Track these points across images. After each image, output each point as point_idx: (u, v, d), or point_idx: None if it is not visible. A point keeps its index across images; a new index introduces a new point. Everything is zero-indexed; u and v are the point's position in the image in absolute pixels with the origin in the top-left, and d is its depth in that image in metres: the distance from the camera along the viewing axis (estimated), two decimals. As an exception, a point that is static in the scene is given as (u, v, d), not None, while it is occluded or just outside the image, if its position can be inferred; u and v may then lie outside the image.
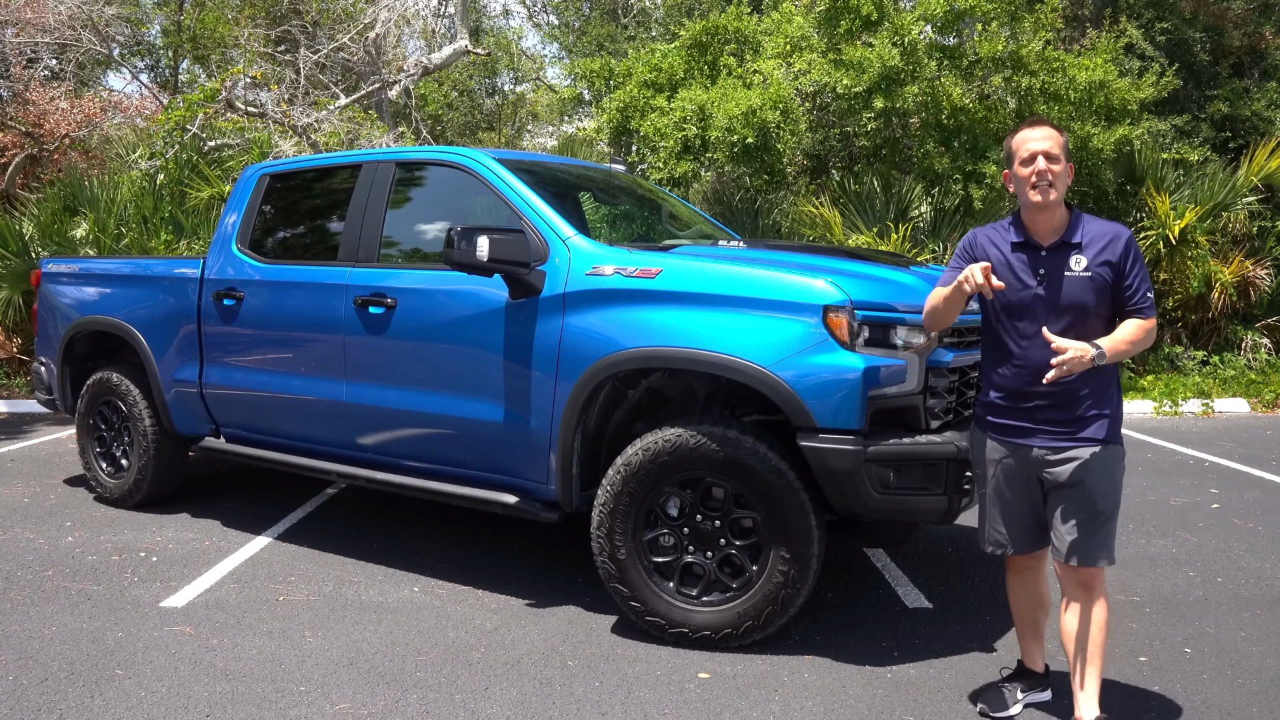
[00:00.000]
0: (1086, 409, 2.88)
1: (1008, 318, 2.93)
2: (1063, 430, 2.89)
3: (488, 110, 20.83)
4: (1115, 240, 2.84)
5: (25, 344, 10.38)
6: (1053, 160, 2.82)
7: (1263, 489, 6.27)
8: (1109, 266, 2.82)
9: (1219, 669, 3.54)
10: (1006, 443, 2.99)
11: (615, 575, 3.75)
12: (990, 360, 3.03)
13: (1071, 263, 2.84)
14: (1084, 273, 2.83)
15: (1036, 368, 2.85)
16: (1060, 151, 2.84)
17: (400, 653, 3.65)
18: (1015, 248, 2.92)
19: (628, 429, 4.10)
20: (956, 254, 3.06)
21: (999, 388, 2.99)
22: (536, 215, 4.09)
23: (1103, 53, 10.53)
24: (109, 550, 4.88)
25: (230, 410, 5.15)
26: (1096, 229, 2.88)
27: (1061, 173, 2.84)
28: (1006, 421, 2.98)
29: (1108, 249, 2.84)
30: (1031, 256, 2.89)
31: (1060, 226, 2.89)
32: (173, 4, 17.06)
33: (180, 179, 10.51)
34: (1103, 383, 2.90)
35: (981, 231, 3.04)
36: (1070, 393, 2.87)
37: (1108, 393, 2.92)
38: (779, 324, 3.46)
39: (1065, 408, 2.89)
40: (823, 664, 3.57)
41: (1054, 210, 2.87)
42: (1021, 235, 2.92)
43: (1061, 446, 2.90)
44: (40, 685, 3.35)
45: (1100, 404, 2.90)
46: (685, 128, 9.97)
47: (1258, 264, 10.83)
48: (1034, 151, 2.83)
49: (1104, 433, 2.89)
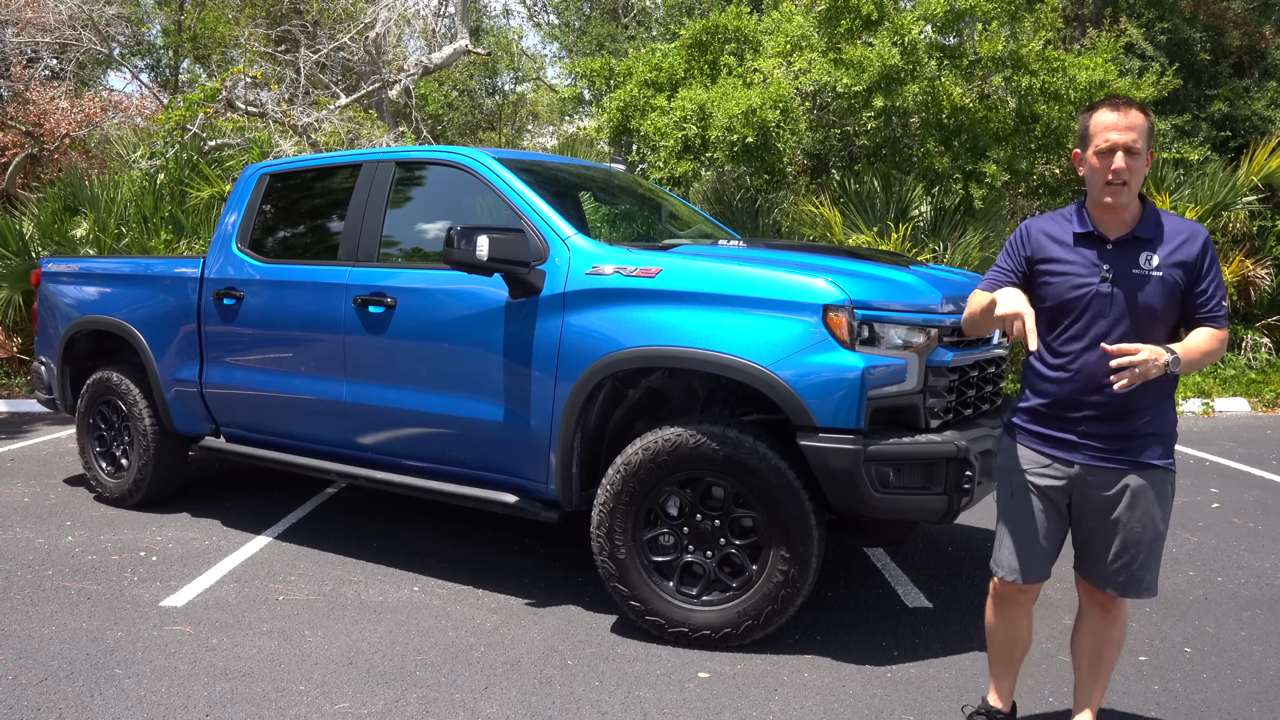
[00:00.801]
0: (1143, 425, 2.57)
1: (1064, 316, 2.61)
2: (1113, 449, 2.58)
3: (488, 110, 20.83)
4: (1192, 239, 2.56)
5: (25, 343, 10.38)
6: (1134, 155, 2.50)
7: (1263, 488, 6.27)
8: (1182, 267, 2.53)
9: (1219, 668, 3.54)
10: (1044, 454, 2.67)
11: (615, 574, 3.75)
12: (1036, 363, 2.69)
13: (1141, 260, 2.54)
14: (1155, 272, 2.53)
15: (1090, 374, 2.55)
16: (1144, 144, 2.51)
17: (400, 652, 3.65)
18: (1079, 240, 2.62)
19: (628, 428, 4.10)
20: (1006, 250, 2.75)
21: (1044, 393, 2.66)
22: (536, 215, 4.09)
23: (1103, 52, 10.52)
24: (109, 550, 4.88)
25: (230, 410, 5.15)
26: (1172, 225, 2.59)
27: (1140, 168, 2.53)
28: (1048, 431, 2.66)
29: (1183, 248, 2.54)
30: (1097, 250, 2.59)
31: (1131, 220, 2.59)
32: (173, 3, 17.06)
33: (180, 178, 10.51)
34: (1160, 396, 2.58)
35: (1037, 223, 2.72)
36: (1126, 405, 2.56)
37: (1165, 408, 2.61)
38: (779, 323, 3.46)
39: (1119, 421, 2.57)
40: (822, 663, 3.57)
41: (1128, 205, 2.58)
42: (1086, 226, 2.61)
43: (1110, 467, 2.59)
44: (40, 684, 3.35)
45: (1158, 421, 2.59)
46: (685, 127, 9.96)
47: (1258, 263, 10.82)
48: (1113, 144, 2.49)
49: (1160, 456, 2.59)
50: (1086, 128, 2.58)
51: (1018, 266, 2.70)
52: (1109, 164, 2.50)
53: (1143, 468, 2.58)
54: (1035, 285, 2.66)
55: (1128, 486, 2.58)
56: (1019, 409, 2.76)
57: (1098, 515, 2.62)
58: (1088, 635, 2.81)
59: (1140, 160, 2.51)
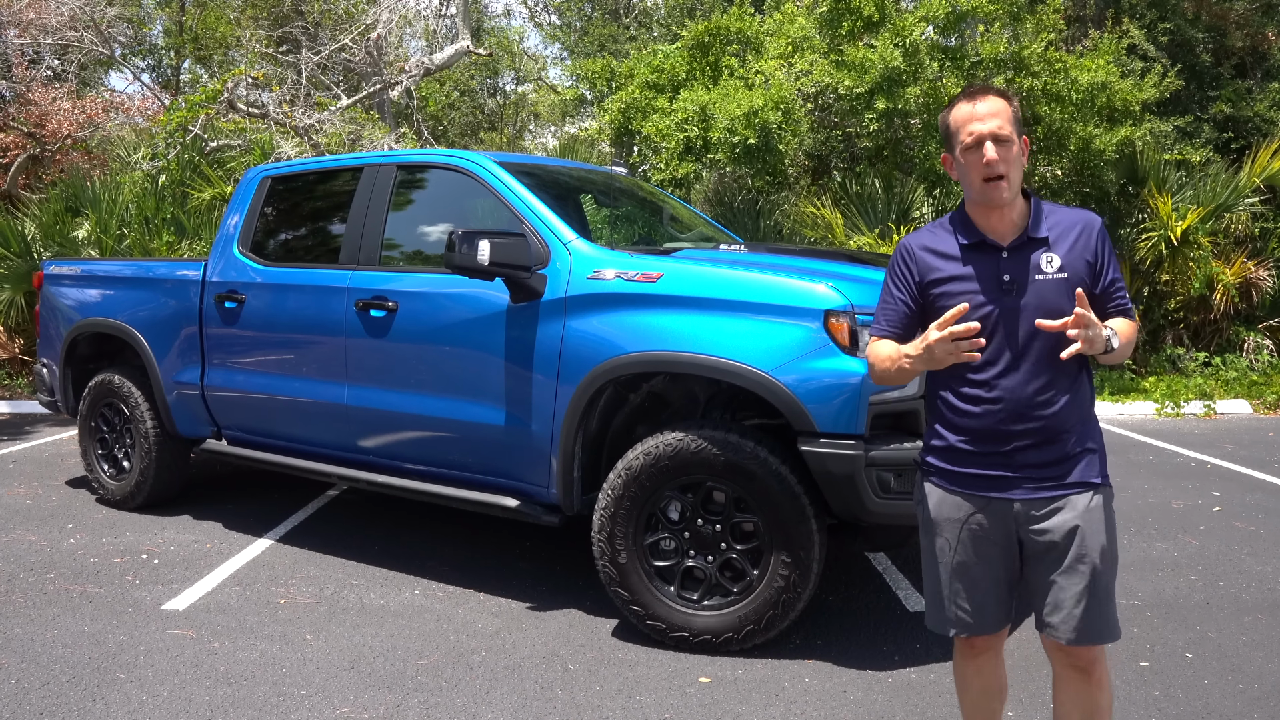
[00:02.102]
0: (1074, 444, 2.29)
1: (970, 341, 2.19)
2: (1049, 476, 2.28)
3: (489, 110, 20.83)
4: (1087, 230, 2.28)
5: (27, 344, 10.39)
6: (1003, 143, 2.20)
7: (1264, 491, 6.27)
8: (1085, 263, 2.26)
9: (1220, 674, 3.53)
10: (976, 498, 2.32)
11: (616, 579, 3.75)
12: (946, 395, 2.33)
13: (1042, 262, 2.24)
14: (1058, 274, 2.23)
15: (1015, 399, 2.24)
16: (1011, 129, 2.22)
17: (401, 656, 3.65)
18: (968, 252, 2.28)
19: (629, 432, 4.10)
20: (889, 277, 2.39)
21: (963, 429, 2.31)
22: (537, 219, 4.10)
23: (1104, 54, 10.51)
24: (111, 552, 4.88)
25: (232, 412, 5.16)
26: (1062, 219, 2.30)
27: (1015, 156, 2.23)
28: (976, 471, 2.31)
29: (1080, 242, 2.27)
30: (992, 260, 2.26)
31: (1020, 219, 2.28)
32: (174, 4, 17.07)
33: (182, 180, 10.52)
34: (1086, 409, 2.33)
35: (916, 239, 2.37)
36: (1056, 426, 2.27)
37: (1091, 423, 2.35)
38: (780, 328, 3.46)
39: (1052, 445, 2.28)
40: (823, 668, 3.57)
41: (1014, 203, 2.27)
42: (973, 235, 2.28)
43: (1050, 496, 2.29)
44: (42, 689, 3.36)
45: (1087, 436, 2.32)
46: (687, 128, 9.97)
47: (1260, 265, 10.81)
48: (978, 135, 2.21)
49: (1097, 473, 2.32)
50: (947, 126, 2.30)
51: (909, 294, 2.35)
52: (979, 157, 2.21)
53: (1083, 488, 2.29)
54: (932, 312, 2.28)
55: (1074, 510, 2.27)
56: (934, 449, 2.38)
57: (1045, 553, 2.30)
58: (1072, 708, 2.40)
59: (1012, 149, 2.22)
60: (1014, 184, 2.23)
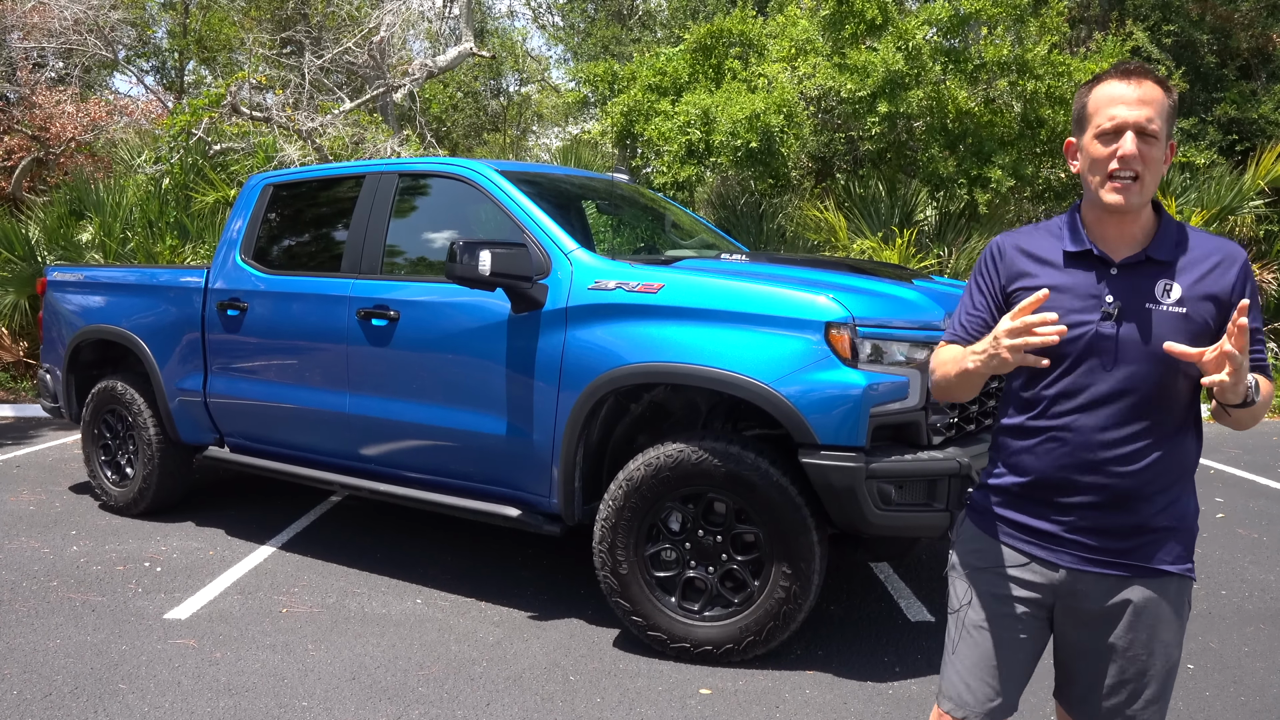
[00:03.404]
0: (1157, 515, 1.87)
1: (1051, 365, 1.87)
2: (1114, 548, 1.89)
3: (493, 112, 20.84)
4: (1227, 263, 1.86)
5: (31, 347, 10.42)
6: (1149, 140, 1.81)
7: (1268, 498, 6.25)
8: (1214, 301, 1.83)
9: (1221, 685, 3.53)
10: (1020, 550, 1.97)
11: (617, 589, 3.75)
12: (1011, 423, 1.98)
13: (1158, 290, 1.84)
14: (1176, 307, 1.83)
15: (1087, 443, 1.86)
16: (1162, 124, 1.82)
17: (403, 667, 3.66)
18: (1072, 261, 1.91)
19: (630, 442, 4.11)
20: (974, 279, 2.04)
21: (1022, 468, 1.95)
22: (539, 228, 4.10)
23: (1108, 56, 10.49)
24: (113, 560, 4.89)
25: (234, 420, 5.17)
26: (1198, 243, 1.89)
27: (1157, 159, 1.83)
28: (1026, 520, 1.96)
29: (1214, 274, 1.84)
30: (1097, 275, 1.88)
31: (1144, 235, 1.89)
32: (178, 7, 17.10)
33: (185, 183, 10.54)
34: (1185, 475, 1.90)
35: (1013, 238, 2.00)
36: (1136, 487, 1.86)
37: (1186, 491, 1.92)
38: (781, 340, 3.46)
39: (1124, 509, 1.87)
40: (824, 679, 3.57)
41: (1138, 213, 1.88)
42: (1082, 242, 1.90)
43: (1108, 575, 1.89)
44: (44, 700, 3.37)
45: (1176, 509, 1.89)
46: (689, 131, 9.96)
47: (1264, 268, 10.78)
48: (1121, 121, 1.81)
49: (1177, 559, 1.90)
50: (1084, 106, 1.89)
51: (991, 300, 1.99)
52: (1113, 149, 1.81)
53: (1153, 575, 1.88)
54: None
55: (1130, 601, 1.89)
56: (989, 486, 2.04)
57: (1090, 635, 1.93)
58: None
59: (1157, 148, 1.82)
60: (1147, 190, 1.84)
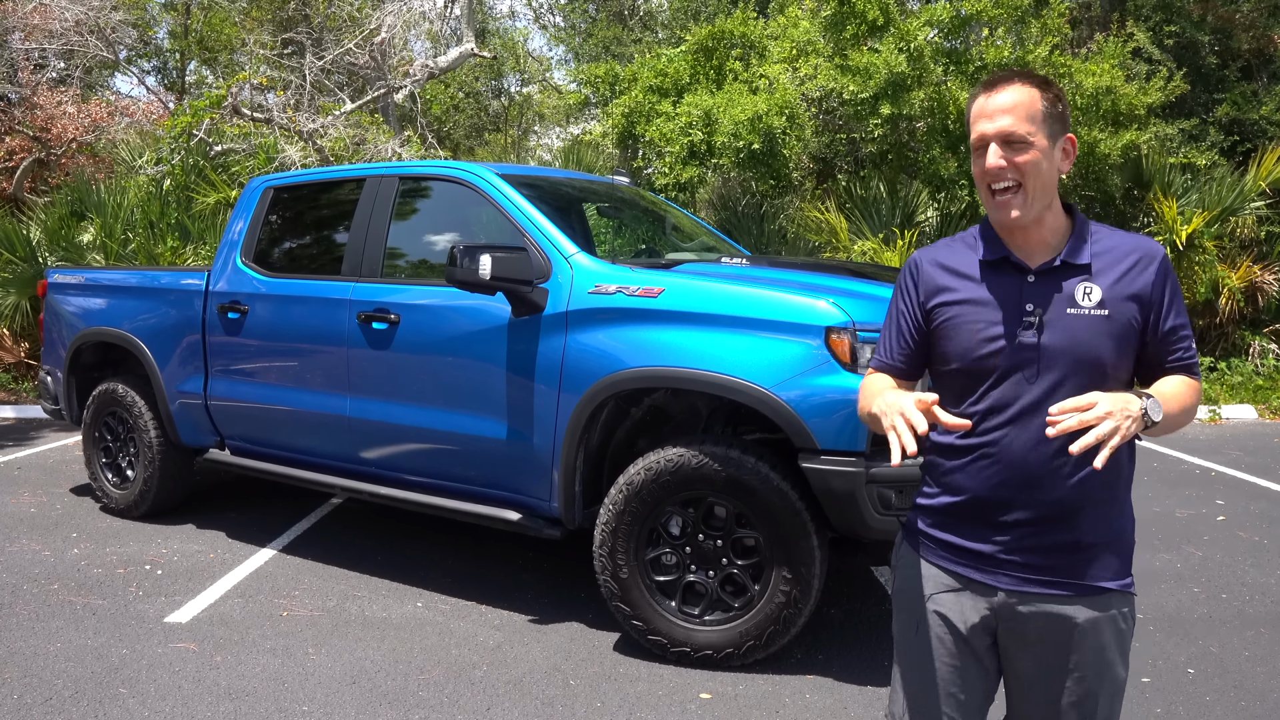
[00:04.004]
0: (1092, 530, 1.80)
1: (977, 381, 1.82)
2: (1051, 567, 1.81)
3: (494, 112, 20.84)
4: (1145, 261, 1.79)
5: (33, 348, 10.43)
6: (1016, 147, 1.75)
7: (1269, 500, 6.25)
8: (1136, 301, 1.78)
9: (1222, 690, 3.53)
10: (956, 573, 1.87)
11: (617, 594, 3.75)
12: (942, 441, 1.88)
13: (1078, 294, 1.78)
14: (1098, 310, 1.77)
15: (1019, 460, 1.78)
16: (1032, 126, 1.75)
17: (403, 671, 3.66)
18: (988, 271, 1.84)
19: (630, 446, 4.11)
20: (894, 294, 1.98)
21: (954, 487, 1.86)
22: (539, 232, 4.10)
23: (1109, 57, 10.49)
24: (114, 563, 4.90)
25: (234, 422, 5.17)
26: (1114, 244, 1.82)
27: (1035, 162, 1.75)
28: (961, 541, 1.86)
29: (1133, 274, 1.79)
30: (1015, 285, 1.82)
31: (1057, 239, 1.83)
32: (179, 8, 17.11)
33: (186, 184, 10.55)
34: (1118, 489, 1.83)
35: (926, 253, 1.94)
36: (1071, 502, 1.78)
37: (1120, 506, 1.84)
38: (781, 345, 3.46)
39: (1060, 527, 1.80)
40: (824, 684, 3.57)
41: (1041, 219, 1.81)
42: (996, 250, 1.84)
43: (1047, 594, 1.81)
44: (45, 704, 3.37)
45: (1114, 524, 1.82)
46: (691, 133, 9.96)
47: (1266, 269, 10.78)
48: (981, 135, 1.78)
49: (1116, 574, 1.82)
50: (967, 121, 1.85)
51: (911, 321, 1.92)
52: (983, 163, 1.78)
53: (1093, 593, 1.81)
54: (936, 341, 1.88)
55: (1072, 621, 1.80)
56: (920, 506, 1.95)
57: (1033, 657, 1.85)
58: None
59: (1031, 152, 1.75)
60: (1035, 195, 1.77)
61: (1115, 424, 1.60)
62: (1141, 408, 1.65)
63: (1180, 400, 1.78)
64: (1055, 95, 1.79)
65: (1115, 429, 1.60)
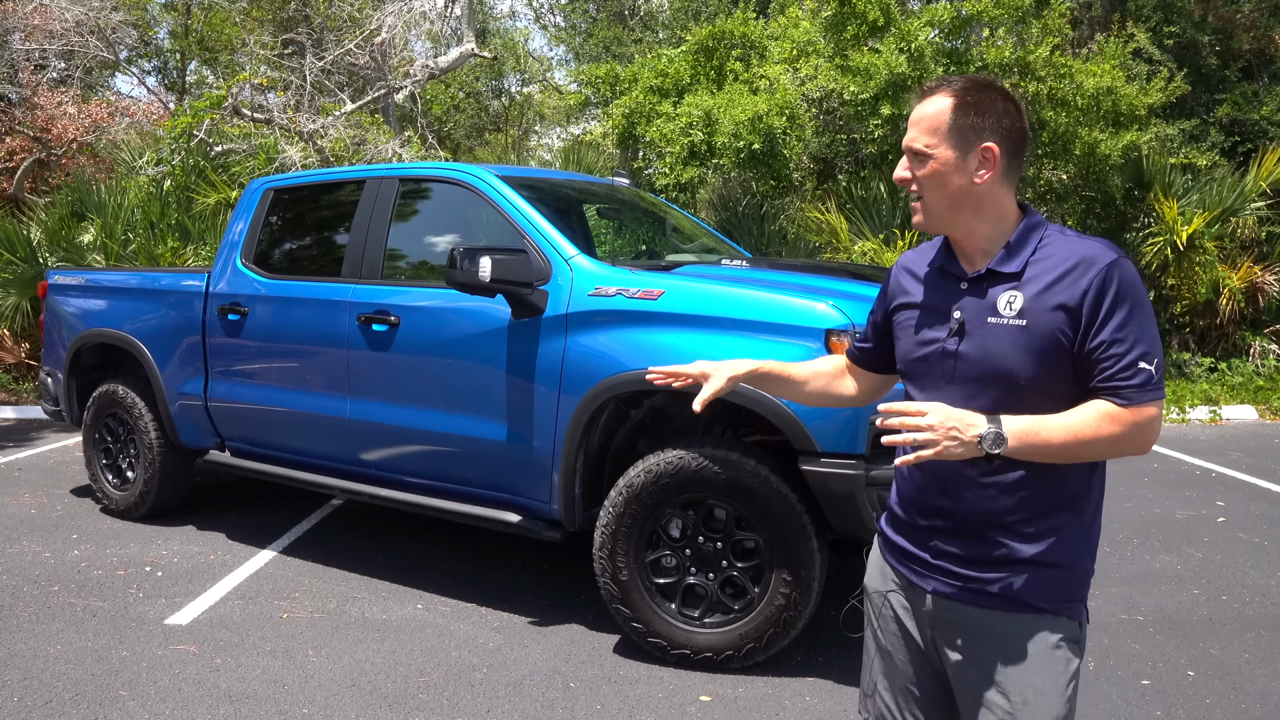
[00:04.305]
0: (1026, 546, 1.71)
1: (911, 385, 1.85)
2: (978, 578, 1.74)
3: (495, 112, 20.84)
4: (1082, 268, 1.65)
5: (33, 349, 10.43)
6: (917, 160, 1.75)
7: (1269, 501, 6.25)
8: (1065, 312, 1.65)
9: (1222, 693, 3.52)
10: (899, 574, 1.88)
11: (617, 596, 3.75)
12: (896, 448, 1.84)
13: (1001, 304, 1.70)
14: (1017, 320, 1.68)
15: (935, 466, 1.76)
16: (932, 140, 1.73)
17: (403, 673, 3.66)
18: (934, 277, 1.85)
19: (631, 447, 4.10)
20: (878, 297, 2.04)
21: (898, 490, 1.90)
22: (539, 234, 4.10)
23: (1110, 58, 10.48)
24: (114, 565, 4.90)
25: (235, 424, 5.17)
26: (1055, 251, 1.70)
27: (930, 177, 1.74)
28: (903, 543, 1.87)
29: (1064, 283, 1.66)
30: (949, 292, 1.79)
31: (997, 248, 1.76)
32: (179, 8, 17.12)
33: (187, 185, 10.55)
34: (1055, 502, 1.71)
35: (905, 256, 1.97)
36: (985, 512, 1.73)
37: (1061, 522, 1.72)
38: (781, 347, 3.46)
39: (973, 540, 1.75)
40: (824, 686, 3.57)
41: (971, 229, 1.76)
42: (946, 258, 1.83)
43: (969, 606, 1.76)
44: (45, 707, 3.37)
45: (1057, 541, 1.71)
46: (691, 133, 9.96)
47: (1266, 269, 10.78)
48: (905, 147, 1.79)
49: (1048, 595, 1.71)
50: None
51: (880, 319, 1.99)
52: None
53: (1019, 610, 1.71)
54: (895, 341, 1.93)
55: (994, 634, 1.73)
56: (887, 507, 1.98)
57: (958, 670, 1.78)
58: None
59: (929, 165, 1.73)
60: (934, 207, 1.76)
61: (933, 438, 1.58)
62: (978, 434, 1.59)
63: (1075, 431, 1.62)
64: (970, 103, 1.71)
65: (931, 442, 1.58)
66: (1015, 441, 1.60)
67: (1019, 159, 1.76)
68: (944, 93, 1.74)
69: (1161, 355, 1.66)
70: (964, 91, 1.72)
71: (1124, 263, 1.65)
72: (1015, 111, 1.73)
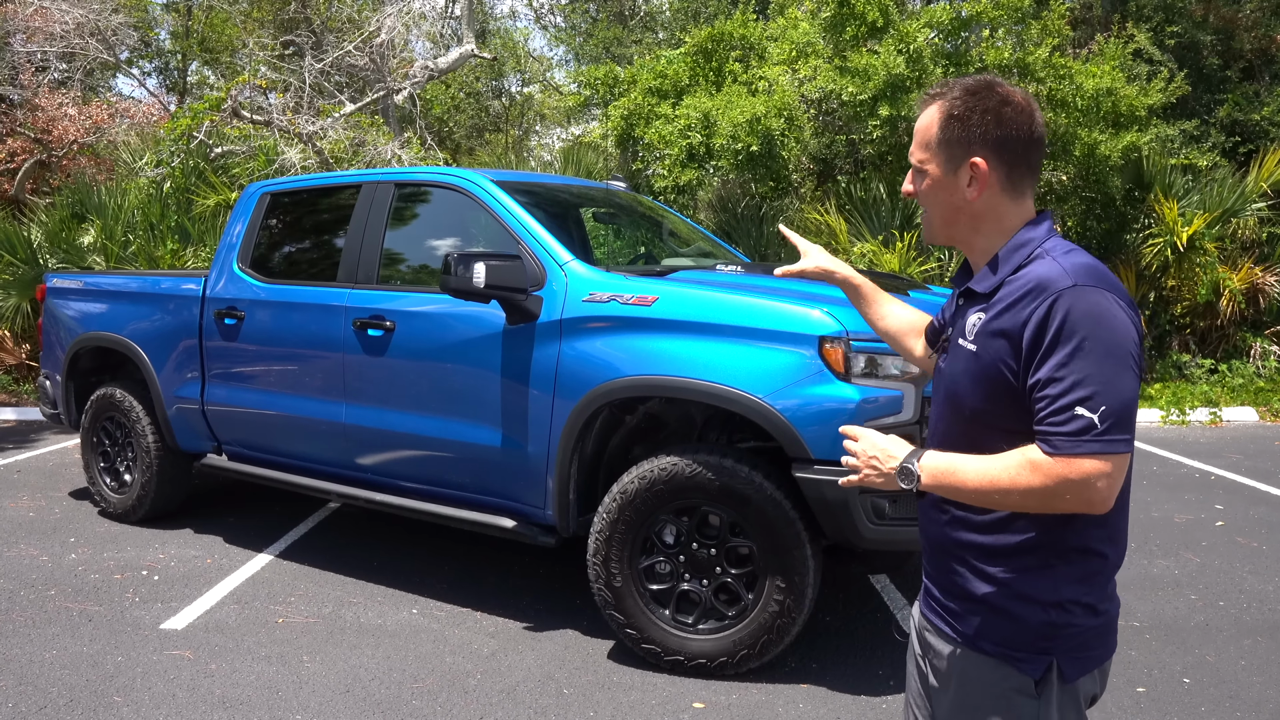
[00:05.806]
0: (980, 584, 1.60)
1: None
2: (946, 607, 1.68)
3: (495, 113, 20.84)
4: (1035, 294, 1.49)
5: (33, 350, 10.45)
6: (916, 174, 1.69)
7: (1268, 505, 6.23)
8: (1006, 339, 1.52)
9: (1218, 700, 3.52)
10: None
11: (611, 602, 3.75)
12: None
13: (968, 325, 1.62)
14: (969, 344, 1.59)
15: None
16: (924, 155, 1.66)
17: (397, 679, 3.66)
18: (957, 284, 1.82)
19: (625, 453, 4.10)
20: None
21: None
22: (534, 240, 4.09)
23: (1110, 59, 10.46)
24: (111, 568, 4.90)
25: (231, 428, 5.17)
26: (1029, 272, 1.55)
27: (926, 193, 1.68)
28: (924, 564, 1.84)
29: (1016, 309, 1.51)
30: (953, 304, 1.76)
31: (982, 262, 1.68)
32: (180, 9, 17.13)
33: (186, 186, 10.56)
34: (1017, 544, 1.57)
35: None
36: (940, 539, 1.68)
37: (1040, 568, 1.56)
38: (774, 354, 3.45)
39: (942, 567, 1.68)
40: (818, 693, 3.57)
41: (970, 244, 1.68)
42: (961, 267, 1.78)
43: (931, 627, 1.72)
44: (40, 713, 3.38)
45: (1015, 585, 1.57)
46: (690, 135, 9.95)
47: (1267, 271, 10.75)
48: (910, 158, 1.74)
49: (1007, 641, 1.57)
50: None
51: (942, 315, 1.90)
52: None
53: (953, 636, 1.65)
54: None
55: (955, 672, 1.65)
56: None
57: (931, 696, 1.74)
58: None
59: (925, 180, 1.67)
60: (934, 220, 1.70)
61: (856, 464, 1.64)
62: (893, 467, 1.58)
63: (991, 476, 1.50)
64: (956, 116, 1.61)
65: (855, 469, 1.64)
66: (929, 478, 1.56)
67: (1024, 166, 1.61)
68: (936, 102, 1.65)
69: (1117, 403, 1.43)
70: (954, 101, 1.62)
71: (1081, 292, 1.46)
72: (1014, 116, 1.59)
